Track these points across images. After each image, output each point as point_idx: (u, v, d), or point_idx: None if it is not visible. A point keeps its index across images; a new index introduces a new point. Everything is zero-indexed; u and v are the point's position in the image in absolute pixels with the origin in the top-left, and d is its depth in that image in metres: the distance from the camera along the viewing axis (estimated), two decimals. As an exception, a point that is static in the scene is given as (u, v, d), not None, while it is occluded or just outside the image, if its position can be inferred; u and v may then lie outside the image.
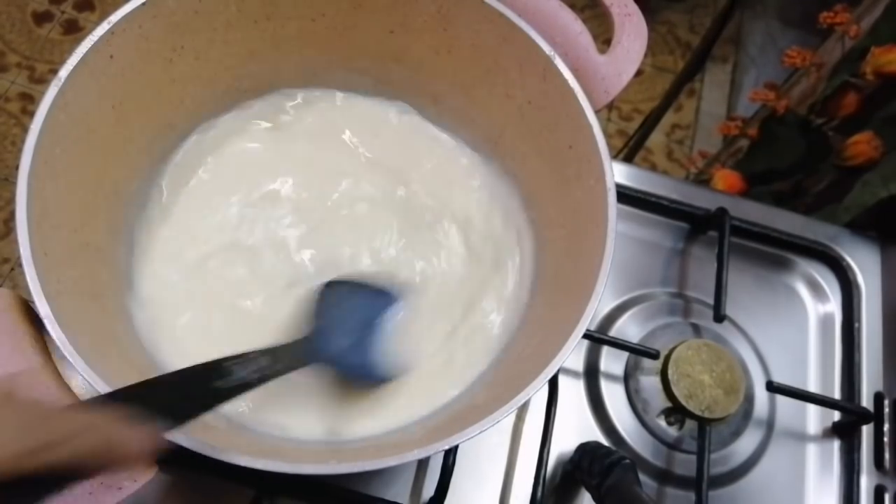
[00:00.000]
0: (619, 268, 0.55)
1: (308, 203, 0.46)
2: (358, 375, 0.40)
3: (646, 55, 0.42)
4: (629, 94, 1.56)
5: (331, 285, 0.41)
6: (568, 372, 0.51)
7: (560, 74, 0.39)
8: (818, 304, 0.57)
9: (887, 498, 0.50)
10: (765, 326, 0.55)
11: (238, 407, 0.39)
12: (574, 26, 0.41)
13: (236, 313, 0.42)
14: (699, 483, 0.46)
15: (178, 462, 0.38)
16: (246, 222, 0.44)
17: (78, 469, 0.21)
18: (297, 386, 0.41)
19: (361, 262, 0.45)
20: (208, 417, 0.38)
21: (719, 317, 0.51)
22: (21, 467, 0.19)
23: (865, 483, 0.50)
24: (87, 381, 0.29)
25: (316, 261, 0.44)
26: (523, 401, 0.32)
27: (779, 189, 0.81)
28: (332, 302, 0.40)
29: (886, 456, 0.51)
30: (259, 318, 0.42)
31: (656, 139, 1.50)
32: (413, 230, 0.46)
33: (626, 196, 0.56)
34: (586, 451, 0.45)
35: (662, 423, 0.49)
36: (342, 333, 0.39)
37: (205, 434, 0.30)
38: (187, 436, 0.29)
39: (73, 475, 0.21)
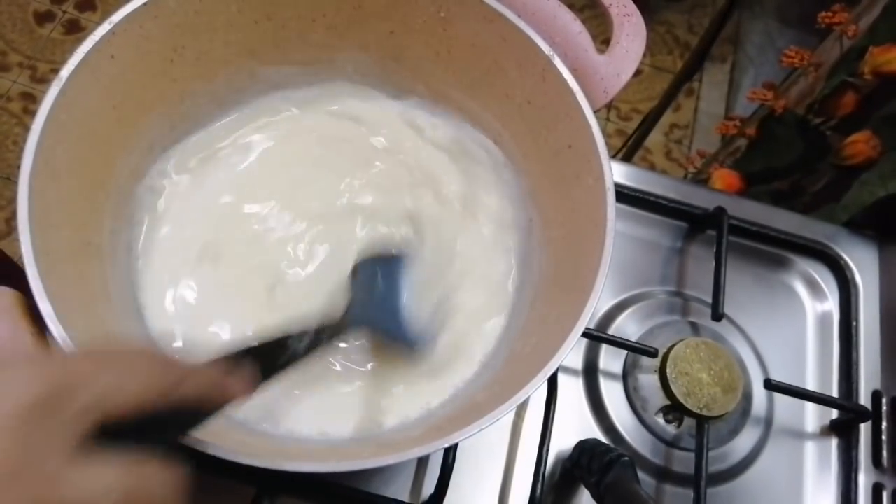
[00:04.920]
0: (618, 266, 0.55)
1: (309, 200, 0.46)
2: (394, 337, 0.42)
3: (644, 55, 0.42)
4: (628, 94, 1.56)
5: (358, 265, 0.44)
6: (567, 370, 0.51)
7: (559, 74, 0.39)
8: (816, 303, 0.57)
9: (885, 495, 0.50)
10: (763, 325, 0.55)
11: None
12: (573, 26, 0.41)
13: (238, 308, 0.42)
14: (697, 480, 0.46)
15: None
16: (245, 218, 0.45)
17: (197, 407, 0.26)
18: (299, 385, 0.41)
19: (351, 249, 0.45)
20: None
21: (717, 315, 0.51)
22: (158, 402, 0.23)
23: (863, 481, 0.50)
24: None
25: (319, 252, 0.45)
26: (523, 399, 0.32)
27: (777, 188, 0.81)
28: (360, 277, 0.43)
29: (884, 454, 0.51)
30: (264, 309, 0.42)
31: (655, 139, 1.51)
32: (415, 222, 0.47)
33: (624, 195, 0.56)
34: (585, 448, 0.45)
35: (661, 420, 0.50)
36: (373, 300, 0.42)
37: (205, 433, 0.31)
38: (188, 435, 0.29)
39: (194, 412, 0.26)
